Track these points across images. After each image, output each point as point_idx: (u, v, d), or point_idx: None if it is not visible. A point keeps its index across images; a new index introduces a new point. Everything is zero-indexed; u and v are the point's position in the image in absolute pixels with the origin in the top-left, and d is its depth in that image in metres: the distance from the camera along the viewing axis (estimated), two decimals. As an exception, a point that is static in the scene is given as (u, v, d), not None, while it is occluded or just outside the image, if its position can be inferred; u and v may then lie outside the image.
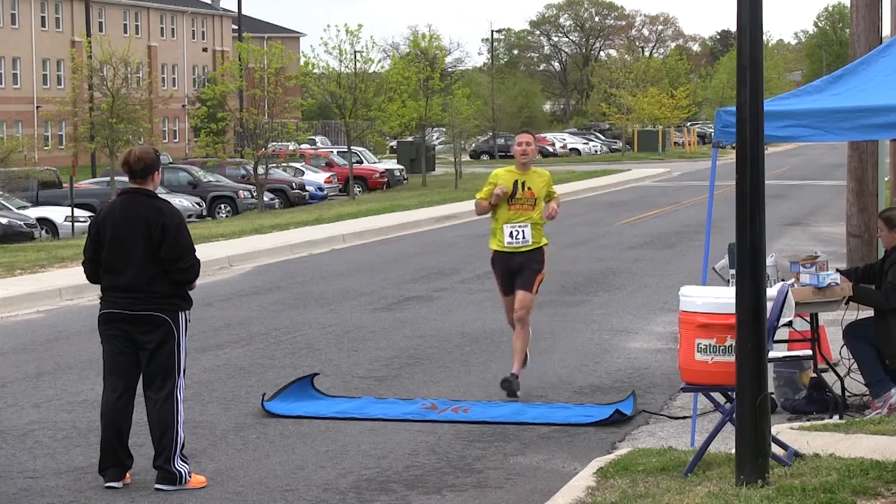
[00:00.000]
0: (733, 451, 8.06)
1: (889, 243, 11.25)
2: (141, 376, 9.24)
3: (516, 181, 12.63)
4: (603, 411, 11.39)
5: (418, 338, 15.76)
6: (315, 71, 54.13)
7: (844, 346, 11.37)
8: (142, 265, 9.07)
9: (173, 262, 9.05)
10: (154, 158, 9.24)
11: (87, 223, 37.75)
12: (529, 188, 12.55)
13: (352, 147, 53.51)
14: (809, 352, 10.98)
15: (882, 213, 11.77)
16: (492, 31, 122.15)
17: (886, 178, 17.85)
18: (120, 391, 9.19)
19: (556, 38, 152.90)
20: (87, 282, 9.50)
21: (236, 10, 65.94)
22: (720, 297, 8.50)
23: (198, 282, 9.35)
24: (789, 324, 10.51)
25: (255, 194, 44.68)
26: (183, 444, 9.17)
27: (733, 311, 7.94)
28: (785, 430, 9.64)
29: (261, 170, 44.86)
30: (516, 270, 12.46)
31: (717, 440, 8.93)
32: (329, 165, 56.04)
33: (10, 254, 27.33)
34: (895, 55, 10.65)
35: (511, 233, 12.43)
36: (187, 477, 9.11)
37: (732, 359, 8.05)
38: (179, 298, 9.17)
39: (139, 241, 9.05)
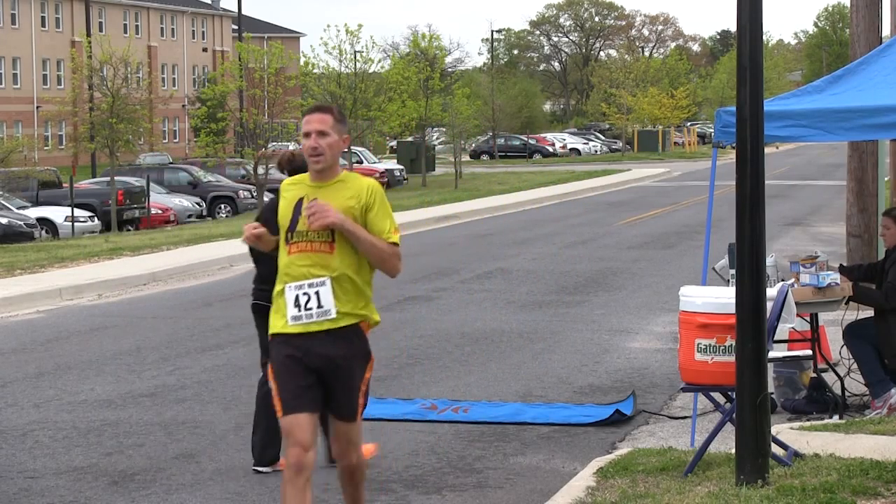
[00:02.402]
0: (733, 451, 8.05)
1: (891, 243, 11.23)
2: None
3: (300, 199, 6.84)
4: (603, 411, 11.38)
5: (418, 338, 15.76)
6: (315, 71, 54.13)
7: (844, 346, 11.37)
8: (270, 259, 9.26)
9: None
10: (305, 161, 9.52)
11: (87, 223, 38.06)
12: None
13: (352, 147, 53.52)
14: (809, 352, 10.99)
15: (890, 211, 11.66)
16: (492, 31, 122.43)
17: (886, 178, 17.86)
18: None
19: (556, 38, 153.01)
20: (86, 282, 9.52)
21: (236, 10, 65.90)
22: (720, 297, 8.50)
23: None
24: (790, 324, 10.53)
25: (255, 194, 44.65)
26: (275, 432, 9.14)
27: (733, 311, 7.94)
28: (785, 430, 9.63)
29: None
30: (322, 372, 6.76)
31: (717, 440, 8.93)
32: (329, 165, 55.99)
33: (10, 254, 27.30)
34: (895, 55, 10.65)
35: (297, 299, 6.71)
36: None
37: (732, 359, 8.05)
38: None
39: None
